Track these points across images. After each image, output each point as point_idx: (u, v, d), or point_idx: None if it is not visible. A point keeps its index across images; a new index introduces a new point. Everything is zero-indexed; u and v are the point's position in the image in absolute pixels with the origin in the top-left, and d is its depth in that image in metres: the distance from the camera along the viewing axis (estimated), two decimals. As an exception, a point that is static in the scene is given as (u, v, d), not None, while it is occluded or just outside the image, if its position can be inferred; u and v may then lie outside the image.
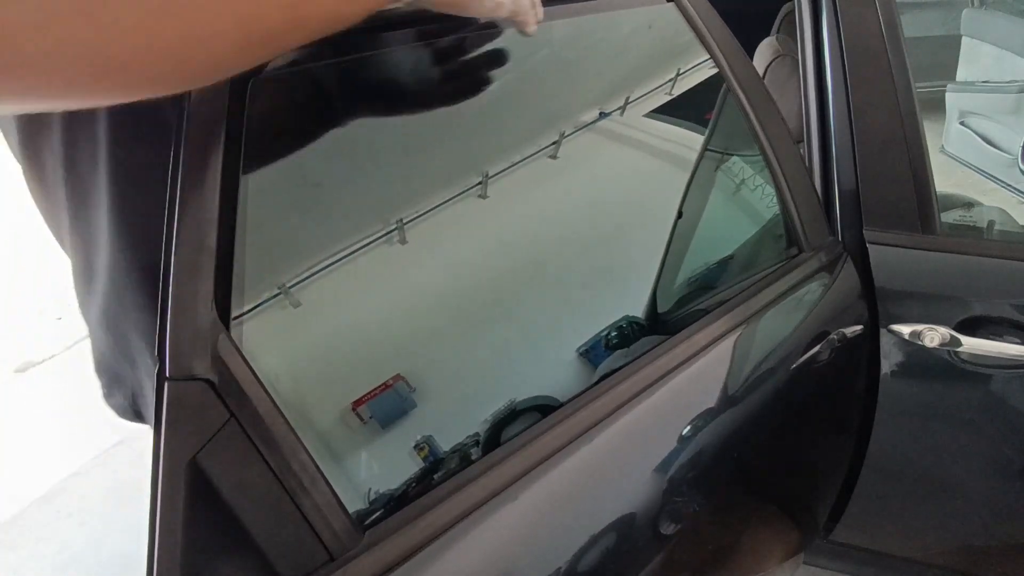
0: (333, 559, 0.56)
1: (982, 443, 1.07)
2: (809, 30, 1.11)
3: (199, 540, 0.49)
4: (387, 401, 0.64)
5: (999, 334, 0.99)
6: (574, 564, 0.68)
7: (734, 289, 0.93)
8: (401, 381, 0.65)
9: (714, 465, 0.85)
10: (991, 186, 1.51)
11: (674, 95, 0.94)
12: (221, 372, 0.50)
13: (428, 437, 0.67)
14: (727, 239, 0.99)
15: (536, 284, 0.80)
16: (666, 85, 0.93)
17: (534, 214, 0.81)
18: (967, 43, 1.70)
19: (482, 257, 0.77)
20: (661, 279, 0.89)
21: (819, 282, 1.00)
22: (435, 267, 0.73)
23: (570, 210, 0.85)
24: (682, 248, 0.92)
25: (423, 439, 0.66)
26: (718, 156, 1.00)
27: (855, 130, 1.07)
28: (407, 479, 0.65)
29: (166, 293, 0.49)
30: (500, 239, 0.78)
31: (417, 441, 0.66)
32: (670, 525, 0.80)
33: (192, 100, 0.52)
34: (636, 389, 0.77)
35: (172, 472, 0.48)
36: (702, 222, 0.96)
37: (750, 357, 0.89)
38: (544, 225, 0.82)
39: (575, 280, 0.83)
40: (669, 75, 0.94)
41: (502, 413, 0.71)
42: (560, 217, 0.84)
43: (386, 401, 0.64)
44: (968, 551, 1.20)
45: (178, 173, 0.51)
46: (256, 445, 0.52)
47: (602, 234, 0.87)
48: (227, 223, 0.53)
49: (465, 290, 0.75)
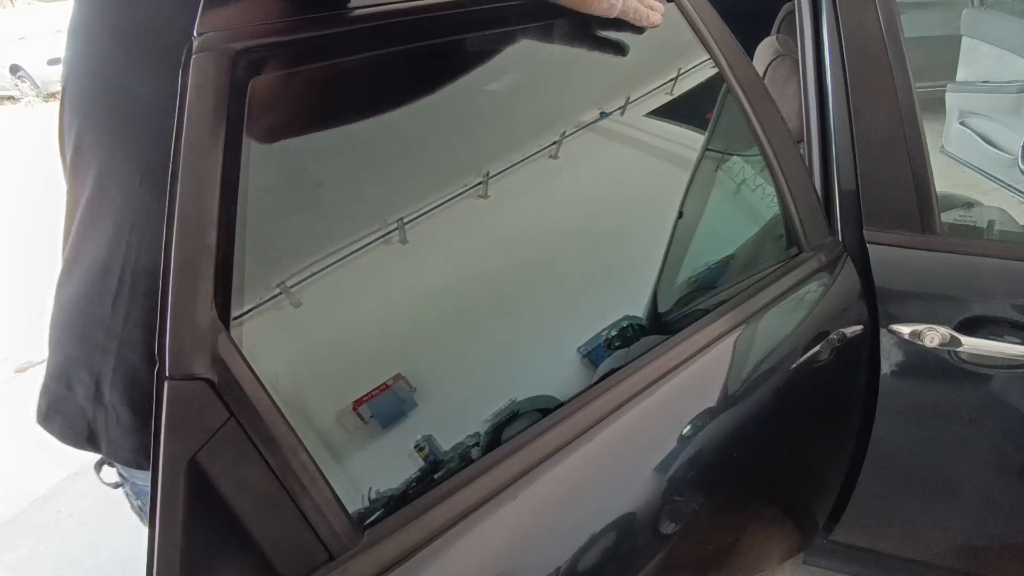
0: (333, 558, 0.56)
1: (982, 443, 1.07)
2: (809, 30, 1.11)
3: (199, 539, 0.50)
4: (388, 401, 0.64)
5: (999, 334, 0.99)
6: (574, 563, 0.68)
7: (734, 289, 0.93)
8: (402, 381, 0.65)
9: (714, 465, 0.85)
10: (991, 186, 1.51)
11: (675, 95, 0.94)
12: (221, 372, 0.50)
13: (428, 437, 0.67)
14: (727, 239, 0.99)
15: (537, 284, 0.80)
16: (667, 85, 0.93)
17: (535, 214, 0.81)
18: (967, 43, 1.69)
19: (483, 257, 0.77)
20: (662, 279, 0.88)
21: (819, 282, 1.00)
22: (436, 267, 0.73)
23: (571, 210, 0.85)
24: (683, 248, 0.92)
25: (423, 439, 0.66)
26: (718, 156, 1.00)
27: (855, 130, 1.07)
28: (407, 479, 0.65)
29: (166, 293, 0.49)
30: (501, 239, 0.78)
31: (417, 441, 0.66)
32: (670, 525, 0.80)
33: (192, 100, 0.52)
34: (636, 389, 0.77)
35: (172, 471, 0.48)
36: (702, 222, 0.96)
37: (750, 357, 0.89)
38: (545, 225, 0.82)
39: (576, 280, 0.83)
40: (670, 75, 0.94)
41: (503, 414, 0.71)
42: (561, 217, 0.84)
43: (387, 401, 0.64)
44: (968, 551, 1.20)
45: (178, 173, 0.51)
46: (256, 444, 0.52)
47: (602, 234, 0.87)
48: (227, 223, 0.53)
49: (466, 290, 0.75)
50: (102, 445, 0.72)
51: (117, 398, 0.70)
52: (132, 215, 0.67)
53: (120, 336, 0.69)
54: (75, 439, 0.73)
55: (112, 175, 0.68)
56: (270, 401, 0.53)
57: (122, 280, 0.68)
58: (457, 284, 0.75)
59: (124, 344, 0.69)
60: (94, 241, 0.70)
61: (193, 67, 0.52)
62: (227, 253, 0.53)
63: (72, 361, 0.72)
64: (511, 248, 0.79)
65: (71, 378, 0.72)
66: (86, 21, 0.69)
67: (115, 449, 0.72)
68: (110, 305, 0.69)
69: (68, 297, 0.73)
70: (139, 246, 0.67)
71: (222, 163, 0.53)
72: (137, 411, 0.70)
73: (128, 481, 0.80)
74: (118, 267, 0.68)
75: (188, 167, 0.51)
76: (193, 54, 0.53)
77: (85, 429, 0.72)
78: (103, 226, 0.69)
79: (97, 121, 0.69)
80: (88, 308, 0.70)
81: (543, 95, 0.83)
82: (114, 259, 0.68)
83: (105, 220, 0.69)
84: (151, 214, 0.66)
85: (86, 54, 0.69)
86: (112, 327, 0.69)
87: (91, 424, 0.72)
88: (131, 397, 0.69)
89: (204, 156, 0.52)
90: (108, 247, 0.69)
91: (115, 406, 0.70)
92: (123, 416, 0.70)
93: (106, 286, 0.69)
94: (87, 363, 0.71)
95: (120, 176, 0.67)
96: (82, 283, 0.71)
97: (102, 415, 0.71)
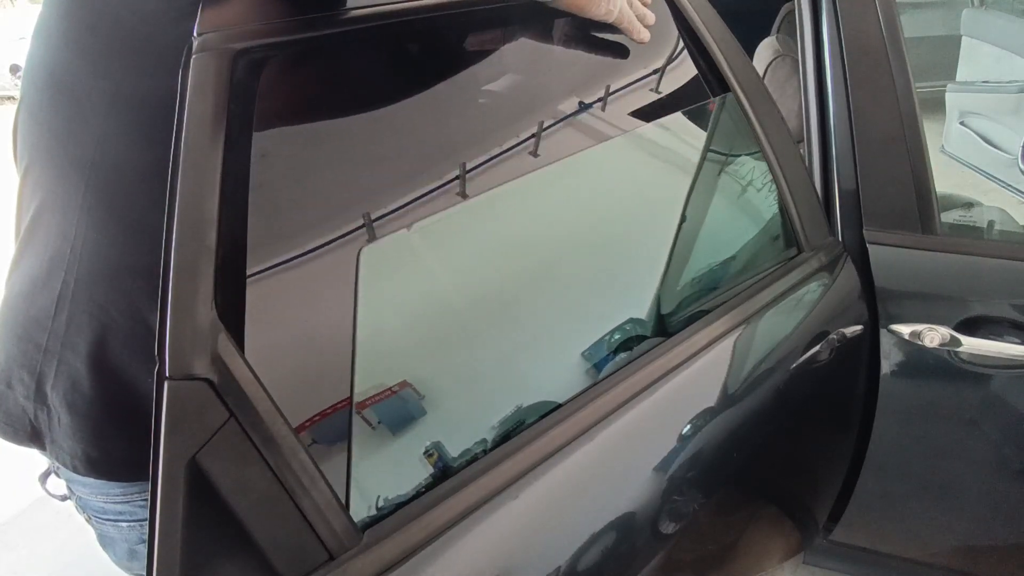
0: (333, 558, 0.56)
1: (982, 443, 1.07)
2: (809, 30, 1.11)
3: (199, 540, 0.50)
4: (393, 406, 0.64)
5: (999, 334, 0.99)
6: (574, 563, 0.68)
7: (734, 289, 0.93)
8: (408, 387, 0.65)
9: (714, 465, 0.85)
10: (991, 186, 1.51)
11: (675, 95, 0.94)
12: (221, 371, 0.50)
13: (437, 443, 0.66)
14: (729, 240, 0.99)
15: (540, 287, 0.80)
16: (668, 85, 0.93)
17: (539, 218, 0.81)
18: (967, 43, 1.69)
19: (484, 260, 0.77)
20: (665, 281, 0.88)
21: (819, 282, 1.00)
22: (436, 269, 0.73)
23: (574, 213, 0.85)
24: (685, 250, 0.92)
25: (432, 445, 0.66)
26: (719, 157, 1.00)
27: (855, 130, 1.07)
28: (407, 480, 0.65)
29: (166, 293, 0.49)
30: (503, 242, 0.78)
31: (427, 447, 0.66)
32: (670, 525, 0.80)
33: (192, 99, 0.52)
34: (637, 389, 0.77)
35: (172, 472, 0.48)
36: (704, 224, 0.96)
37: (750, 357, 0.89)
38: (549, 229, 0.82)
39: (579, 283, 0.83)
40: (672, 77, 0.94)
41: (509, 421, 0.71)
42: (564, 221, 0.84)
43: (392, 406, 0.64)
44: (968, 551, 1.20)
45: (178, 173, 0.51)
46: (256, 445, 0.52)
47: (605, 237, 0.87)
48: (227, 223, 0.53)
49: (468, 294, 0.75)
50: (46, 443, 0.70)
51: (58, 400, 0.68)
52: (76, 219, 0.65)
53: (63, 339, 0.67)
54: (16, 436, 0.71)
55: (59, 176, 0.66)
56: (270, 401, 0.53)
57: (66, 282, 0.66)
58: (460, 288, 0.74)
59: (67, 347, 0.66)
60: (39, 242, 0.68)
61: (193, 67, 0.52)
62: (227, 253, 0.53)
63: (12, 359, 0.70)
64: (514, 252, 0.79)
65: (11, 376, 0.70)
66: (45, 19, 0.67)
67: (57, 449, 0.70)
68: (53, 307, 0.66)
69: (12, 292, 0.71)
70: (83, 250, 0.65)
71: (222, 163, 0.53)
72: (77, 416, 0.67)
73: (74, 494, 0.77)
74: (61, 270, 0.66)
75: (188, 167, 0.51)
76: (193, 54, 0.53)
77: (27, 426, 0.70)
78: (47, 230, 0.67)
79: (45, 120, 0.67)
80: (29, 307, 0.68)
81: (544, 95, 0.83)
82: (57, 262, 0.66)
83: (50, 224, 0.67)
84: (95, 218, 0.64)
85: (41, 52, 0.68)
86: (55, 329, 0.67)
87: (33, 422, 0.70)
88: (71, 402, 0.67)
89: (204, 156, 0.52)
90: (51, 251, 0.67)
91: (56, 407, 0.68)
92: (63, 419, 0.68)
93: (49, 287, 0.67)
94: (27, 363, 0.68)
95: (67, 177, 0.65)
96: (26, 281, 0.69)
97: (44, 414, 0.69)
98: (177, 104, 0.52)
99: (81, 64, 0.64)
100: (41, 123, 0.68)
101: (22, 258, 0.71)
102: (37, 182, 0.69)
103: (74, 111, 0.64)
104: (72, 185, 0.65)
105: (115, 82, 0.62)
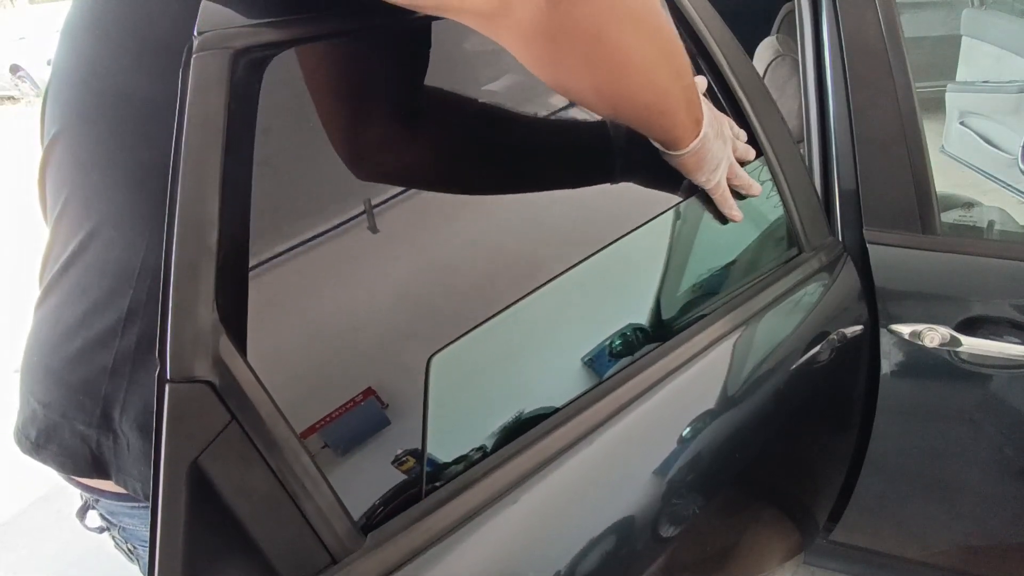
0: (335, 562, 0.55)
1: (982, 443, 1.07)
2: (809, 30, 1.11)
3: (200, 543, 0.49)
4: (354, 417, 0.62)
5: (999, 334, 0.99)
6: (575, 566, 0.68)
7: (734, 290, 0.93)
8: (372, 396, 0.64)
9: (714, 466, 0.85)
10: (991, 186, 1.51)
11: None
12: (222, 374, 0.50)
13: (412, 450, 0.65)
14: (730, 242, 0.99)
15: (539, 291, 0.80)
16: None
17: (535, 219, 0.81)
18: (967, 43, 1.70)
19: (485, 262, 0.77)
20: (664, 285, 0.88)
21: (819, 282, 1.00)
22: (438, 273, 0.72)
23: (571, 215, 0.85)
24: (685, 253, 0.92)
25: (404, 452, 0.64)
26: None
27: (855, 130, 1.07)
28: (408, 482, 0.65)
29: (167, 294, 0.49)
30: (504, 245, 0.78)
31: (397, 455, 0.63)
32: (671, 527, 0.80)
33: (192, 99, 0.52)
34: (636, 391, 0.76)
35: (173, 475, 0.48)
36: (703, 226, 0.96)
37: (750, 358, 0.89)
38: (545, 231, 0.82)
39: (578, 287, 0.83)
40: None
41: (510, 426, 0.70)
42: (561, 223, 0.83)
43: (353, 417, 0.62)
44: (968, 551, 1.20)
45: (178, 173, 0.51)
46: (258, 447, 0.52)
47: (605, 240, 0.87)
48: (228, 224, 0.53)
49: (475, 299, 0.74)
50: (111, 472, 0.67)
51: (128, 425, 0.64)
52: (145, 228, 0.62)
53: (133, 358, 0.63)
54: (75, 467, 0.67)
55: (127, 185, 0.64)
56: (272, 403, 0.53)
57: (135, 298, 0.62)
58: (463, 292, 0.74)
59: (139, 366, 0.63)
60: (94, 264, 0.64)
61: (193, 67, 0.52)
62: (228, 253, 0.53)
63: (65, 387, 0.66)
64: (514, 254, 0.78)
65: (65, 406, 0.66)
66: (74, 20, 0.66)
67: (126, 477, 0.66)
68: (120, 326, 0.63)
69: (51, 320, 0.67)
70: (156, 262, 0.59)
71: (222, 163, 0.52)
72: (148, 438, 0.64)
73: (115, 525, 0.75)
74: (129, 286, 0.62)
75: (188, 167, 0.51)
76: (193, 54, 0.52)
77: (88, 456, 0.66)
78: (108, 246, 0.64)
79: (104, 132, 0.64)
80: (85, 331, 0.64)
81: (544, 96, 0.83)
82: (123, 279, 0.62)
83: (112, 239, 0.63)
84: (153, 217, 0.60)
85: (72, 52, 0.66)
86: (123, 349, 0.63)
87: (95, 451, 0.66)
88: (144, 424, 0.64)
89: (204, 156, 0.52)
90: (113, 267, 0.63)
91: (125, 432, 0.65)
92: (134, 443, 0.65)
93: (115, 305, 0.63)
94: (88, 388, 0.65)
95: (142, 184, 0.63)
96: (75, 306, 0.65)
97: (109, 440, 0.65)
98: (177, 104, 0.52)
99: (134, 69, 0.62)
100: (99, 136, 0.65)
101: (59, 287, 0.67)
102: (88, 203, 0.65)
103: (137, 117, 0.62)
104: (140, 194, 0.63)
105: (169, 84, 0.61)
